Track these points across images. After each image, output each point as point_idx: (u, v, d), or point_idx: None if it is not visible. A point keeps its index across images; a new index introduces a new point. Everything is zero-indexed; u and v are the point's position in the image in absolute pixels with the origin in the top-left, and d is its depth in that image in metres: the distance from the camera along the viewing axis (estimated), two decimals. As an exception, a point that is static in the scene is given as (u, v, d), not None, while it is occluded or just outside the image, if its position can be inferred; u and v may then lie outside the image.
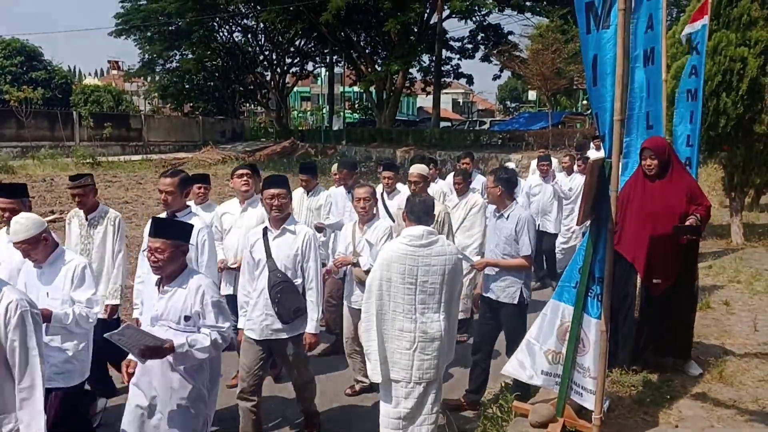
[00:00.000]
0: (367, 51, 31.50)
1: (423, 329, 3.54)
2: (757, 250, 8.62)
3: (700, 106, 5.65)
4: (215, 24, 32.81)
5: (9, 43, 33.04)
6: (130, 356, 3.29)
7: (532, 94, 45.20)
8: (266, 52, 35.98)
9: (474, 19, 28.42)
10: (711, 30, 7.26)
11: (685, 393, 4.09)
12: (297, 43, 34.90)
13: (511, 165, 8.44)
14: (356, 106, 44.97)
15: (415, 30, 27.43)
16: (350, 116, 42.99)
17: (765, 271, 7.34)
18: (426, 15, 27.43)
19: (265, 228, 4.12)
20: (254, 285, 4.08)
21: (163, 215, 4.24)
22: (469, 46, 31.39)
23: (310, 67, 38.73)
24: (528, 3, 26.78)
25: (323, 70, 38.85)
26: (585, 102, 35.48)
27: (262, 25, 32.24)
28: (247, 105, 44.00)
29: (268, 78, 36.28)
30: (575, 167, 8.72)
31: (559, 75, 25.47)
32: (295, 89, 44.74)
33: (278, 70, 35.98)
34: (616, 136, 3.12)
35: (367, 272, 4.44)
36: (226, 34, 34.61)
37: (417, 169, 5.52)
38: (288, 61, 36.31)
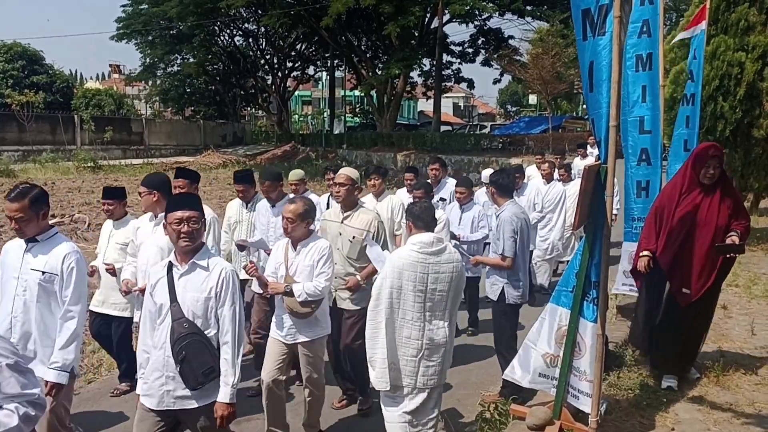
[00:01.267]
0: (367, 55, 31.56)
1: (430, 336, 3.54)
2: (755, 255, 8.63)
3: (698, 111, 5.69)
4: (216, 28, 32.94)
5: (10, 47, 33.06)
6: None
7: (532, 98, 45.24)
8: (267, 56, 36.08)
9: (474, 23, 28.48)
10: (709, 35, 7.32)
11: (682, 396, 4.13)
12: (298, 47, 35.04)
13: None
14: (357, 109, 45.10)
15: (416, 34, 27.46)
16: (351, 120, 43.11)
17: (763, 275, 7.37)
18: (426, 19, 27.47)
19: (170, 263, 3.13)
20: (153, 337, 3.10)
21: (19, 242, 3.44)
22: (470, 50, 31.43)
23: (311, 71, 38.94)
24: (528, 7, 26.77)
25: (324, 74, 39.01)
26: (585, 106, 35.50)
27: (263, 29, 32.28)
28: (248, 109, 44.05)
29: (269, 82, 36.36)
30: (556, 175, 8.34)
31: (559, 79, 25.57)
32: (296, 93, 44.93)
33: (279, 74, 36.09)
34: (612, 141, 3.16)
35: (303, 304, 3.94)
36: (227, 38, 34.82)
37: (345, 171, 4.77)
38: (289, 65, 36.45)
